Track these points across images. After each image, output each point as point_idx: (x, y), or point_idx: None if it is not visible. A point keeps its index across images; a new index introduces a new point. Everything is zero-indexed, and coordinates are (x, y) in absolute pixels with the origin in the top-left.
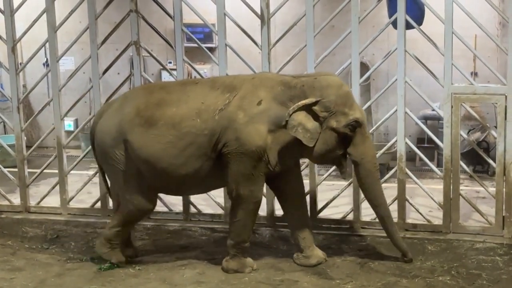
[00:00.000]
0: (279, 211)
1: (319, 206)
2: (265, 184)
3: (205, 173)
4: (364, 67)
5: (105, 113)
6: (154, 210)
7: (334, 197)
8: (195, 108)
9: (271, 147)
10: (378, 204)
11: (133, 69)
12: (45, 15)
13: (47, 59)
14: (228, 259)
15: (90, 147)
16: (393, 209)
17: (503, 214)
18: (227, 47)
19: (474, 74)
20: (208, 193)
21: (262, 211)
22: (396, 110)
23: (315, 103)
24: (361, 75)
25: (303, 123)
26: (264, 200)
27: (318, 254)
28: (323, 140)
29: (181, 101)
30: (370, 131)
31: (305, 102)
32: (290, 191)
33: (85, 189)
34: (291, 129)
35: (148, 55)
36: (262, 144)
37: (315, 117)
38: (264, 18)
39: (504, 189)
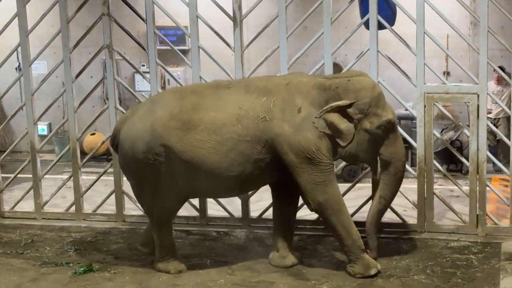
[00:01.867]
0: (254, 213)
1: None
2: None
3: (246, 177)
4: (337, 68)
5: (129, 119)
6: (128, 214)
7: None
8: (235, 113)
9: (325, 147)
10: (387, 199)
11: (106, 72)
12: (16, 19)
13: (19, 63)
14: (352, 264)
15: (64, 151)
16: (368, 208)
17: (477, 213)
18: (200, 49)
19: (447, 73)
20: None
21: (237, 211)
22: None
23: (349, 106)
24: None
25: (335, 123)
26: (238, 201)
27: (293, 255)
28: (357, 141)
29: (217, 105)
30: None
31: (338, 104)
32: (288, 190)
33: (59, 193)
34: (324, 128)
35: (121, 58)
36: (315, 149)
37: (350, 119)
38: (237, 20)
39: (477, 188)
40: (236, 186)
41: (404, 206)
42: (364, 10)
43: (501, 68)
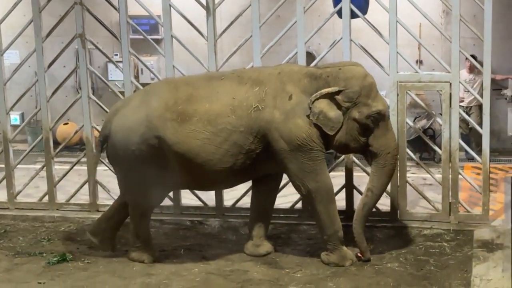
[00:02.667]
0: (228, 202)
1: None
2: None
3: (238, 168)
4: (310, 57)
5: (122, 109)
6: (102, 203)
7: (282, 186)
8: (229, 104)
9: (315, 134)
10: (375, 192)
11: (78, 61)
12: None
13: None
14: (328, 253)
15: (37, 141)
16: (341, 197)
17: (450, 200)
18: (173, 39)
19: (419, 62)
20: None
21: (211, 201)
22: None
23: (337, 92)
24: (307, 65)
25: (324, 111)
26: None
27: (268, 244)
28: (345, 130)
29: (212, 97)
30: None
31: (328, 91)
32: (268, 181)
33: (32, 183)
34: (313, 116)
35: (94, 47)
36: (306, 136)
37: (338, 106)
38: (210, 9)
39: (450, 176)
40: (227, 178)
41: None
42: None
43: (473, 56)
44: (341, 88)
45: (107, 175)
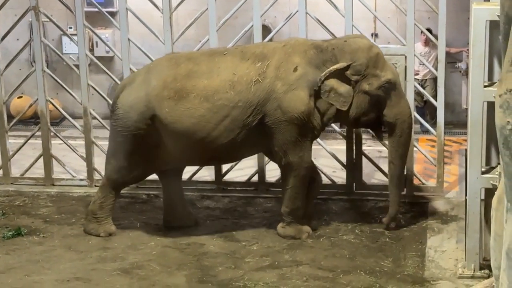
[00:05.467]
0: (183, 175)
1: (224, 169)
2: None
3: (239, 144)
4: (266, 30)
5: (128, 86)
6: (57, 177)
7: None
8: (228, 80)
9: (314, 111)
10: (396, 163)
11: (32, 34)
12: None
13: None
14: (285, 226)
15: None
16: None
17: (405, 173)
18: (128, 11)
19: (375, 35)
20: None
21: None
22: None
23: (346, 68)
24: (263, 38)
25: (335, 88)
26: None
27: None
28: (356, 104)
29: (212, 72)
30: None
31: (336, 67)
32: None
33: None
34: (324, 94)
35: (48, 20)
36: (305, 109)
37: (347, 81)
38: None
39: None
40: (224, 154)
41: (333, 167)
42: None
43: (428, 30)
44: (349, 63)
45: (62, 149)
